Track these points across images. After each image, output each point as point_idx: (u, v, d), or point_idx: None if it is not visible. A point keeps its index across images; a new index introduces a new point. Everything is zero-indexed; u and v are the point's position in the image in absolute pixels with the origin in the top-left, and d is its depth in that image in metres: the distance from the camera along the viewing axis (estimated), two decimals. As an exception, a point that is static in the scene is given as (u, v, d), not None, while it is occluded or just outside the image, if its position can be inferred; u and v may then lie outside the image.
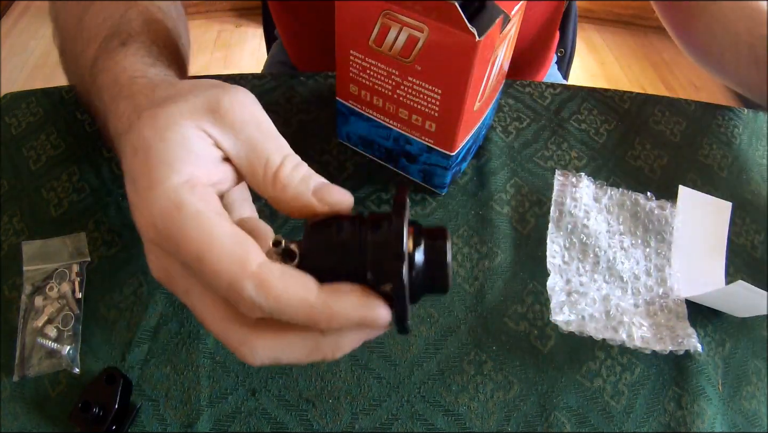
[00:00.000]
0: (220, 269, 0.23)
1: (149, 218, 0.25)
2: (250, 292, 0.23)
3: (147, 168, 0.25)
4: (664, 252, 0.44)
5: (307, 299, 0.23)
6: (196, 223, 0.23)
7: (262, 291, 0.23)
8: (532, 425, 0.36)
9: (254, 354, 0.25)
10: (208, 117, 0.26)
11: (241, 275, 0.23)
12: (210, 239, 0.23)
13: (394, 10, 0.34)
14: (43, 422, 0.36)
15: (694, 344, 0.38)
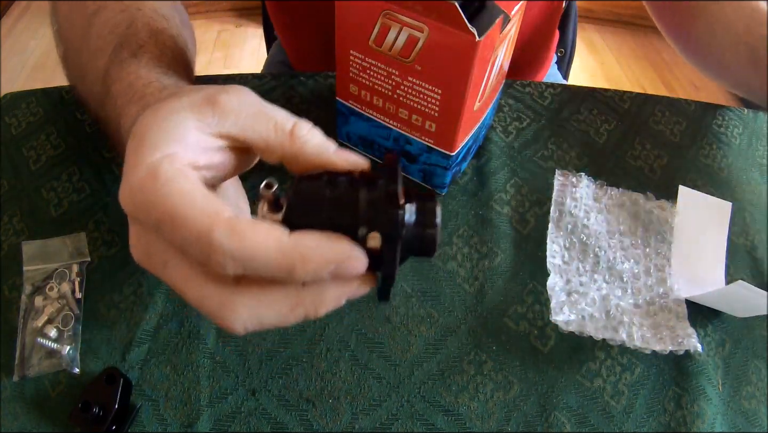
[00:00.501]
0: (191, 223, 0.23)
1: (128, 191, 0.25)
2: (221, 238, 0.23)
3: (135, 149, 0.26)
4: (664, 252, 0.44)
5: (279, 241, 0.23)
6: (169, 186, 0.24)
7: (234, 237, 0.23)
8: (532, 425, 0.36)
9: (235, 316, 0.25)
10: (208, 107, 0.26)
11: (211, 225, 0.23)
12: (182, 198, 0.24)
13: (394, 10, 0.34)
14: (43, 422, 0.36)
15: (694, 344, 0.38)
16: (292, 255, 0.23)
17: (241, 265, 0.23)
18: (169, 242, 0.25)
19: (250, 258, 0.23)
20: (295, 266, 0.23)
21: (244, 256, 0.23)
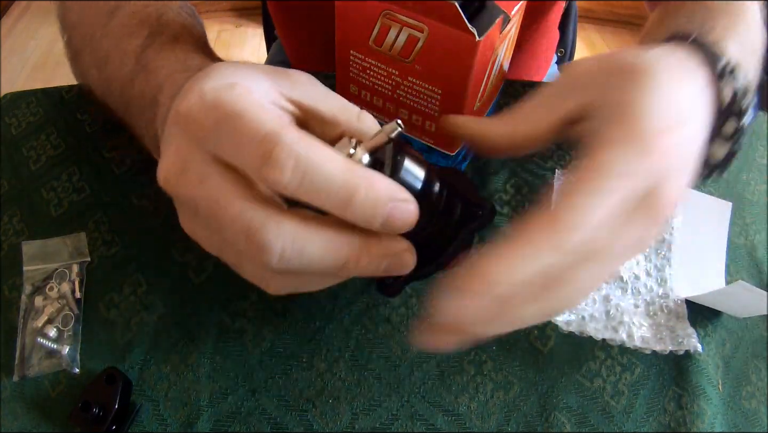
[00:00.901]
0: (260, 122, 0.22)
1: (189, 100, 0.23)
2: (290, 139, 0.21)
3: (204, 75, 0.25)
4: (664, 252, 0.44)
5: (348, 163, 0.22)
6: (240, 94, 0.23)
7: (303, 142, 0.21)
8: (532, 425, 0.36)
9: (278, 233, 0.22)
10: (282, 75, 0.26)
11: (282, 128, 0.22)
12: (254, 103, 0.22)
13: (394, 10, 0.34)
14: (43, 422, 0.36)
15: (694, 344, 0.38)
16: (359, 177, 0.22)
17: (301, 171, 0.21)
18: (223, 144, 0.23)
19: (314, 166, 0.21)
20: (359, 188, 0.22)
21: (309, 162, 0.21)
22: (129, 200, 0.44)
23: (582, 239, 0.22)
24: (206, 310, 0.39)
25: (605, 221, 0.23)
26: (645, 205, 0.24)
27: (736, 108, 0.31)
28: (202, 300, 0.40)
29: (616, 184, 0.23)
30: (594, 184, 0.23)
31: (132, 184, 0.45)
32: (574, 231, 0.22)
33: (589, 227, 0.22)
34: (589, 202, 0.23)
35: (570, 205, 0.23)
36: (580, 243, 0.22)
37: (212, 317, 0.39)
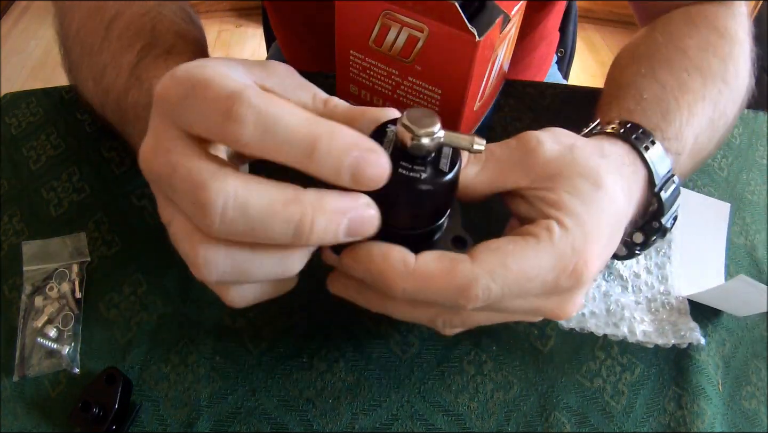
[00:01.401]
0: (224, 85, 0.22)
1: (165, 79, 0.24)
2: (251, 94, 0.21)
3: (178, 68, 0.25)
4: (665, 250, 0.44)
5: (310, 114, 0.22)
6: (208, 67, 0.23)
7: (263, 96, 0.21)
8: (532, 425, 0.37)
9: (218, 185, 0.21)
10: (256, 65, 0.27)
11: (244, 87, 0.22)
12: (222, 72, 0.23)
13: (394, 10, 0.34)
14: (43, 422, 0.36)
15: (697, 337, 0.38)
16: (320, 127, 0.22)
17: (262, 124, 0.21)
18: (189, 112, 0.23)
19: (275, 119, 0.21)
20: (321, 137, 0.21)
21: (269, 115, 0.21)
22: (129, 200, 0.44)
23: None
24: (206, 310, 0.39)
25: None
26: (553, 304, 0.29)
27: (655, 223, 0.36)
28: (202, 300, 0.40)
29: (533, 288, 0.27)
30: (515, 285, 0.26)
31: (132, 184, 0.45)
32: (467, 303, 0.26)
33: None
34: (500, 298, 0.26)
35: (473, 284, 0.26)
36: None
37: (212, 317, 0.39)
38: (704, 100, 0.40)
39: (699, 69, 0.41)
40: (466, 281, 0.25)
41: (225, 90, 0.22)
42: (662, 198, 0.35)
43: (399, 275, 0.25)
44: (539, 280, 0.26)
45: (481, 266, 0.26)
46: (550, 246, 0.27)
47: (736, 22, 0.45)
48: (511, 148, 0.31)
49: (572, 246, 0.27)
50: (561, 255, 0.27)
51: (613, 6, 2.05)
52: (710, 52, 0.42)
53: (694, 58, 0.41)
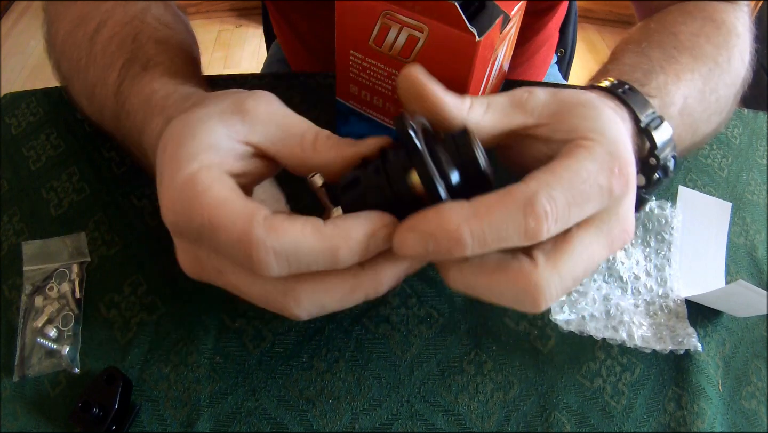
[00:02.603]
0: (230, 226, 0.24)
1: (169, 201, 0.26)
2: (259, 235, 0.23)
3: (172, 159, 0.26)
4: (664, 252, 0.44)
5: (317, 228, 0.24)
6: (207, 194, 0.24)
7: (272, 232, 0.23)
8: (532, 425, 0.37)
9: (298, 306, 0.25)
10: (236, 116, 0.27)
11: (250, 225, 0.23)
12: (220, 204, 0.24)
13: (394, 10, 0.34)
14: (43, 422, 0.36)
15: (695, 343, 0.38)
16: (332, 238, 0.24)
17: (284, 259, 0.24)
18: (213, 249, 0.25)
19: (292, 250, 0.23)
20: (338, 246, 0.24)
21: (286, 248, 0.23)
22: (129, 200, 0.44)
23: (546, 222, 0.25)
24: (206, 310, 0.39)
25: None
26: (609, 225, 0.27)
27: (652, 159, 0.35)
28: (202, 300, 0.40)
29: (593, 193, 0.25)
30: (576, 190, 0.25)
31: (132, 184, 0.45)
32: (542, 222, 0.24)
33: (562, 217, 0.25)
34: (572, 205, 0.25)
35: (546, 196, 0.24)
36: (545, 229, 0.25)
37: (212, 317, 0.39)
38: (693, 72, 0.39)
39: (689, 49, 0.41)
40: (526, 197, 0.24)
41: (234, 233, 0.24)
42: (651, 132, 0.34)
43: (460, 217, 0.24)
44: (595, 183, 0.25)
45: (535, 181, 0.25)
46: (589, 155, 0.26)
47: (735, 16, 0.45)
48: (507, 96, 0.30)
49: (608, 151, 0.26)
50: (603, 159, 0.26)
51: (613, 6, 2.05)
52: (703, 38, 0.42)
53: (685, 41, 0.41)
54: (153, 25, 0.40)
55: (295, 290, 0.25)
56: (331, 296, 0.26)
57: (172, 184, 0.25)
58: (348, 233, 0.24)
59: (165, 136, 0.27)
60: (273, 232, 0.23)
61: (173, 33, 0.41)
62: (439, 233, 0.24)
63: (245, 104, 0.27)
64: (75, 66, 0.41)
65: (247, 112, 0.27)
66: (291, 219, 0.24)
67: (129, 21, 0.39)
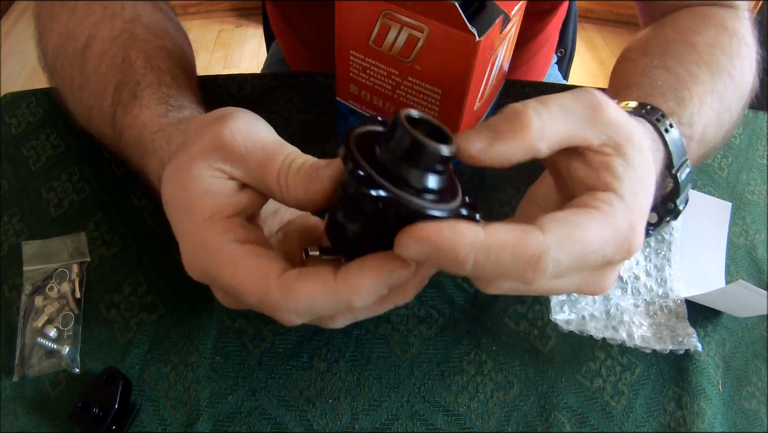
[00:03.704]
0: (249, 292, 0.26)
1: (189, 264, 0.28)
2: (278, 300, 0.25)
3: (176, 220, 0.28)
4: (664, 252, 0.44)
5: (328, 284, 0.25)
6: (219, 257, 0.26)
7: (289, 296, 0.25)
8: (532, 425, 0.36)
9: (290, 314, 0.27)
10: (216, 155, 0.28)
11: (266, 290, 0.25)
12: (233, 268, 0.26)
13: (394, 10, 0.34)
14: (43, 422, 0.36)
15: (694, 343, 0.38)
16: (344, 292, 0.25)
17: (304, 314, 0.26)
18: (229, 298, 0.29)
19: (309, 308, 0.26)
20: (351, 299, 0.25)
21: (304, 308, 0.26)
22: (129, 200, 0.44)
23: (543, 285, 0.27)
24: (206, 310, 0.39)
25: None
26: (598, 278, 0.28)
27: (670, 204, 0.37)
28: (202, 300, 0.40)
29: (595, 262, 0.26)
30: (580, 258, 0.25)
31: (132, 184, 0.45)
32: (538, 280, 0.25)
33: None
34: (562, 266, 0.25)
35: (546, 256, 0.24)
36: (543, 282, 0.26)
37: (212, 317, 0.39)
38: (713, 93, 0.40)
39: (708, 63, 0.41)
40: (538, 252, 0.24)
41: (254, 297, 0.26)
42: (679, 179, 0.35)
43: (471, 245, 0.24)
44: (601, 253, 0.25)
45: (551, 236, 0.24)
46: (613, 220, 0.26)
47: (743, 25, 0.46)
48: (581, 103, 0.28)
49: (629, 223, 0.26)
50: (620, 229, 0.26)
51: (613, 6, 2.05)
52: (718, 49, 0.43)
53: (702, 53, 0.42)
54: (142, 36, 0.40)
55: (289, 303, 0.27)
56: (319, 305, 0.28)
57: (186, 247, 0.28)
58: (358, 285, 0.25)
59: (162, 191, 0.29)
60: (289, 295, 0.25)
61: (163, 42, 0.40)
62: (447, 252, 0.24)
63: (222, 140, 0.28)
64: (69, 85, 0.41)
65: (225, 149, 0.28)
66: (303, 277, 0.25)
67: (117, 35, 0.39)
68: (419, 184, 0.25)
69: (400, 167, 0.24)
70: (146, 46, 0.39)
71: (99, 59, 0.39)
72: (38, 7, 0.45)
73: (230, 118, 0.28)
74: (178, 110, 0.36)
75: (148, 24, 0.41)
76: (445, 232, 0.24)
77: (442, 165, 0.25)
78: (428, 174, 0.25)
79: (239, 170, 0.28)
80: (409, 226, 0.24)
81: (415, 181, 0.24)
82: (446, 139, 0.26)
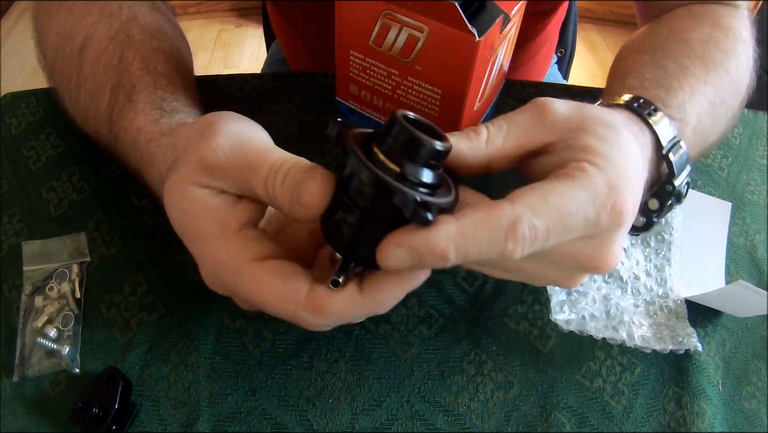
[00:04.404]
0: (278, 311, 0.28)
1: (214, 284, 0.30)
2: (309, 319, 0.27)
3: (188, 243, 0.30)
4: (664, 252, 0.44)
5: (354, 301, 0.27)
6: (242, 279, 0.28)
7: (318, 314, 0.27)
8: (532, 425, 0.36)
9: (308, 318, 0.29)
10: (205, 175, 0.28)
11: (295, 309, 0.27)
12: (259, 290, 0.27)
13: (394, 10, 0.34)
14: (43, 422, 0.36)
15: (694, 343, 0.38)
16: (370, 306, 0.27)
17: (332, 325, 0.29)
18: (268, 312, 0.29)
19: (338, 321, 0.28)
20: (375, 311, 0.28)
21: (333, 321, 0.28)
22: (129, 200, 0.44)
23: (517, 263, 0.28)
24: (206, 310, 0.39)
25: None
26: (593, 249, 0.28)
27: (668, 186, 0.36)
28: (202, 300, 0.40)
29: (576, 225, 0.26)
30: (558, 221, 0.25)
31: (132, 184, 0.45)
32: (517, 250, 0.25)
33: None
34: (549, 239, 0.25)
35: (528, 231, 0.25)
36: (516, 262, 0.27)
37: (212, 317, 0.39)
38: (706, 84, 0.40)
39: (701, 58, 0.41)
40: (510, 220, 0.24)
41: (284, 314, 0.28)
42: (672, 160, 0.35)
43: (447, 236, 0.24)
44: (581, 215, 0.25)
45: (521, 203, 0.25)
46: (587, 182, 0.26)
47: (740, 22, 0.46)
48: (528, 112, 0.30)
49: (608, 183, 0.26)
50: (599, 191, 0.26)
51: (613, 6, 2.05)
52: (713, 45, 0.42)
53: (696, 49, 0.42)
54: (139, 38, 0.40)
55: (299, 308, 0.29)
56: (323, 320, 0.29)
57: (205, 270, 0.29)
58: (382, 299, 0.27)
59: (167, 212, 0.30)
60: (318, 313, 0.27)
61: (160, 43, 0.40)
62: (426, 251, 0.25)
63: (206, 160, 0.28)
64: (66, 85, 0.41)
65: (210, 168, 0.28)
66: (330, 297, 0.27)
67: (114, 36, 0.39)
68: (414, 177, 0.25)
69: (396, 162, 0.25)
70: (143, 48, 0.39)
71: (96, 59, 0.39)
72: (37, 6, 0.45)
73: (213, 132, 0.28)
74: (170, 115, 0.36)
75: (145, 25, 0.41)
76: (418, 232, 0.25)
77: (436, 161, 0.26)
78: (423, 168, 0.25)
79: (228, 185, 0.28)
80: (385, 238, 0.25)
81: (410, 173, 0.25)
82: (440, 137, 0.26)
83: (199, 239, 0.29)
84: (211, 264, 0.28)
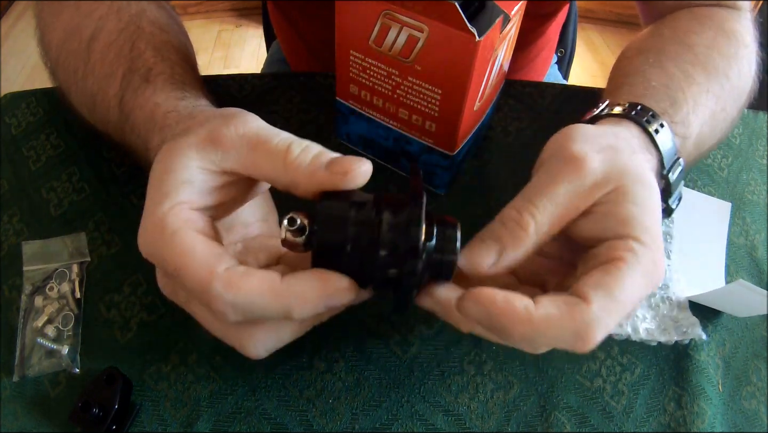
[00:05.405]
0: (192, 276, 0.25)
1: (143, 238, 0.27)
2: (218, 290, 0.25)
3: (150, 196, 0.28)
4: (664, 244, 0.44)
5: (273, 288, 0.25)
6: (173, 238, 0.26)
7: (230, 289, 0.25)
8: (532, 425, 0.36)
9: (256, 345, 0.28)
10: (211, 146, 0.28)
11: (209, 278, 0.25)
12: (184, 252, 0.26)
13: (394, 10, 0.34)
14: (43, 422, 0.36)
15: (698, 332, 0.39)
16: (287, 297, 0.25)
17: (240, 312, 0.25)
18: (181, 287, 0.27)
19: (248, 306, 0.25)
20: (292, 306, 0.25)
21: (242, 305, 0.25)
22: (129, 200, 0.44)
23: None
24: (206, 310, 0.39)
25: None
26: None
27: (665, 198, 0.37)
28: (202, 300, 0.40)
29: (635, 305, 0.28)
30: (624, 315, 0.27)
31: (132, 184, 0.45)
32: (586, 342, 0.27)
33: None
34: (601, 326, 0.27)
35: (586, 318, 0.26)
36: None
37: (212, 317, 0.39)
38: (708, 93, 0.40)
39: (703, 64, 0.41)
40: (585, 325, 0.26)
41: (195, 282, 0.25)
42: (670, 180, 0.36)
43: (520, 320, 0.25)
44: (639, 299, 0.27)
45: (597, 307, 0.26)
46: (640, 267, 0.27)
47: (743, 26, 0.46)
48: (566, 180, 0.29)
49: (653, 260, 0.27)
50: (649, 272, 0.27)
51: (613, 6, 2.05)
52: (715, 51, 0.43)
53: (699, 54, 0.42)
54: (149, 30, 0.40)
55: (252, 332, 0.28)
56: (285, 331, 0.29)
57: (146, 222, 0.27)
58: (303, 294, 0.25)
59: (153, 166, 0.29)
60: (231, 288, 0.25)
61: (169, 37, 0.40)
62: (500, 320, 0.25)
63: (220, 132, 0.28)
64: (72, 76, 0.41)
65: (220, 140, 0.28)
66: (249, 274, 0.25)
67: (124, 27, 0.39)
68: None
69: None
70: (154, 39, 0.39)
71: (106, 48, 0.39)
72: (39, 5, 0.45)
73: (234, 116, 0.28)
74: (194, 98, 0.36)
75: (154, 19, 0.41)
76: (499, 303, 0.25)
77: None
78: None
79: (230, 159, 0.28)
80: (471, 290, 0.26)
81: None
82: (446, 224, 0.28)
83: (161, 198, 0.27)
84: (153, 223, 0.27)
